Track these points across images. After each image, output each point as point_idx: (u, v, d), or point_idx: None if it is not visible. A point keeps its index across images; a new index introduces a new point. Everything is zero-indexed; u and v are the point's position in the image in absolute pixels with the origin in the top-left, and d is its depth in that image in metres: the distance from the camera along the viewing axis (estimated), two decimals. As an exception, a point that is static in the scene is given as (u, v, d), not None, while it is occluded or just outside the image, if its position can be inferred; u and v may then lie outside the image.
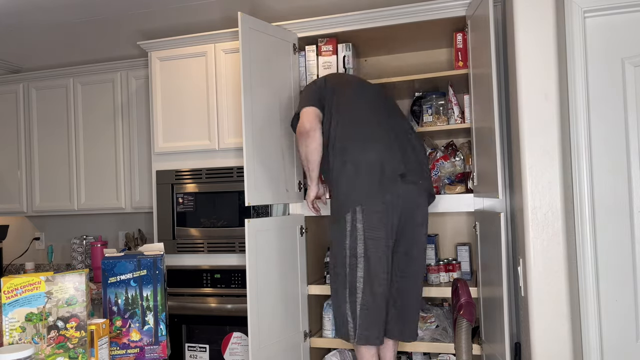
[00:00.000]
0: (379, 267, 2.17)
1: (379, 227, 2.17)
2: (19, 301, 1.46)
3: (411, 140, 2.36)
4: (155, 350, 1.66)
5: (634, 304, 1.94)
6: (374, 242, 2.17)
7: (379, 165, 2.19)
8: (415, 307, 2.33)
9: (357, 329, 2.19)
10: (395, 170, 2.20)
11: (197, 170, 2.96)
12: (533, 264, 1.89)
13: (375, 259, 2.17)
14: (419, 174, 2.30)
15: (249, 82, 2.48)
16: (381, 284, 2.18)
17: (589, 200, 1.95)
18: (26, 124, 3.58)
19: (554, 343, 1.86)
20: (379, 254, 2.17)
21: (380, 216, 2.17)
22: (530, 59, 1.90)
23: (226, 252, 2.91)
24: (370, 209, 2.17)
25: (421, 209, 2.30)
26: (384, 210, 2.18)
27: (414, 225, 2.28)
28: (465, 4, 2.52)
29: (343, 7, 3.13)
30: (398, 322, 2.30)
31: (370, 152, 2.21)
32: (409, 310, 2.30)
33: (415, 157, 2.32)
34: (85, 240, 3.61)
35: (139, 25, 3.67)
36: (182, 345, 2.99)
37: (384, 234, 2.18)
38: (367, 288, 2.17)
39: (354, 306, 2.19)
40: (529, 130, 1.90)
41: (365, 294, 2.17)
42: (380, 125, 2.30)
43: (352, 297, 2.20)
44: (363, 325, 2.18)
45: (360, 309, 2.18)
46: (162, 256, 1.70)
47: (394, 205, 2.20)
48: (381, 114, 2.36)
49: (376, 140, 2.24)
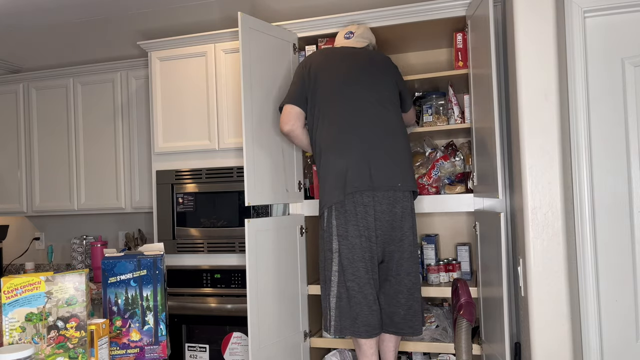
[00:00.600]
0: (352, 263, 2.26)
1: (348, 226, 2.27)
2: (19, 301, 1.46)
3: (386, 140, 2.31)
4: (155, 350, 1.66)
5: (634, 304, 1.94)
6: (346, 240, 2.27)
7: (343, 176, 2.27)
8: (410, 304, 2.32)
9: (332, 320, 2.29)
10: (360, 186, 2.26)
11: (197, 170, 2.96)
12: (533, 264, 1.89)
13: (347, 254, 2.26)
14: (397, 177, 2.29)
15: (249, 82, 2.48)
16: (352, 280, 2.26)
17: (589, 200, 1.95)
18: (26, 124, 3.58)
19: (554, 343, 1.86)
20: (351, 249, 2.26)
21: (348, 215, 2.27)
22: (530, 59, 1.90)
23: (226, 252, 2.91)
24: (342, 208, 2.28)
25: (394, 205, 2.30)
26: (353, 211, 2.27)
27: (394, 227, 2.30)
28: (465, 4, 2.52)
29: (343, 7, 3.13)
30: (404, 318, 2.32)
31: (339, 162, 2.29)
32: (413, 303, 2.31)
33: (389, 162, 2.30)
34: (85, 240, 3.61)
35: (139, 25, 3.67)
36: (182, 345, 2.99)
37: (356, 232, 2.26)
38: (341, 281, 2.28)
39: (330, 298, 2.30)
40: (529, 130, 1.90)
41: (340, 287, 2.27)
42: (354, 131, 2.31)
43: (328, 290, 2.31)
44: (337, 317, 2.28)
45: (335, 302, 2.28)
46: (162, 256, 1.70)
47: (366, 206, 2.27)
48: (359, 115, 2.33)
49: (346, 151, 2.29)
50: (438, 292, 2.62)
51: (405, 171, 2.33)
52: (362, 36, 2.55)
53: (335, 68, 2.44)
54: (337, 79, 2.40)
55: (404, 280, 2.32)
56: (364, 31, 2.57)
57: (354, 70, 2.42)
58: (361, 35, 2.55)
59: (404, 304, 2.31)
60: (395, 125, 2.37)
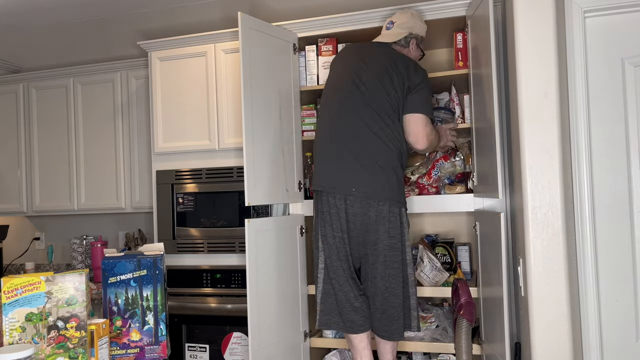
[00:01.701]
0: (332, 262, 2.36)
1: (325, 225, 2.37)
2: (19, 301, 1.46)
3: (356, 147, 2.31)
4: (155, 350, 1.66)
5: (634, 304, 1.94)
6: (326, 239, 2.38)
7: (315, 175, 2.43)
8: (384, 309, 2.32)
9: (319, 313, 2.40)
10: (319, 186, 2.39)
11: (197, 170, 2.96)
12: (533, 264, 1.89)
13: (328, 254, 2.37)
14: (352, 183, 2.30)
15: (249, 82, 2.48)
16: (334, 277, 2.36)
17: (589, 200, 1.95)
18: (26, 123, 3.57)
19: (554, 343, 1.86)
20: (330, 248, 2.36)
21: (324, 216, 2.38)
22: (530, 58, 1.90)
23: (226, 252, 2.91)
24: (322, 209, 2.39)
25: (367, 209, 2.29)
26: (327, 211, 2.37)
27: (368, 230, 2.31)
28: (465, 4, 2.52)
29: (343, 7, 3.13)
30: (380, 321, 2.34)
31: (316, 160, 2.45)
32: (388, 307, 2.32)
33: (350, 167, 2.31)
34: (85, 240, 3.61)
35: (139, 25, 3.67)
36: (182, 345, 2.99)
37: (331, 232, 2.36)
38: (326, 278, 2.39)
39: (317, 293, 2.42)
40: (529, 130, 1.90)
41: (325, 282, 2.39)
42: (332, 134, 2.39)
43: (317, 285, 2.42)
44: (323, 310, 2.39)
45: (321, 297, 2.40)
46: (162, 256, 1.70)
47: (338, 208, 2.34)
48: (340, 120, 2.38)
49: (319, 155, 2.43)
50: (438, 292, 2.62)
51: (365, 179, 2.28)
52: (401, 26, 2.47)
53: (343, 66, 2.51)
54: (340, 77, 2.47)
55: (379, 284, 2.32)
56: (406, 20, 2.48)
57: (358, 69, 2.41)
58: (401, 26, 2.47)
59: (378, 308, 2.33)
60: (373, 134, 2.30)
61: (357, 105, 2.35)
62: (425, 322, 2.65)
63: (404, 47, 2.51)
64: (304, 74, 2.83)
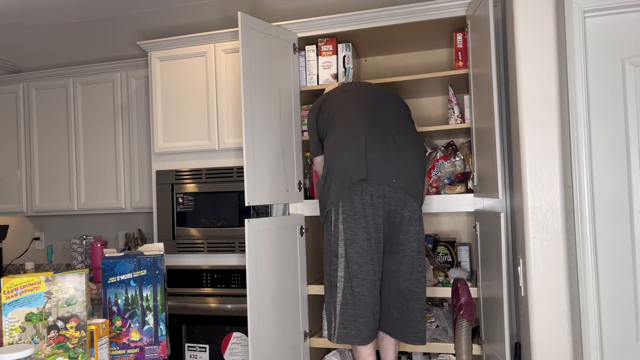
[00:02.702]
0: (359, 267, 2.21)
1: (356, 228, 2.21)
2: (19, 301, 1.46)
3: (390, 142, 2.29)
4: (155, 350, 1.66)
5: (634, 304, 1.94)
6: (353, 243, 2.21)
7: (344, 171, 2.24)
8: (413, 308, 2.29)
9: (337, 327, 2.23)
10: (356, 176, 2.22)
11: (197, 170, 2.96)
12: (533, 264, 1.89)
13: (354, 259, 2.21)
14: (393, 174, 2.24)
15: (249, 82, 2.48)
16: (362, 284, 2.21)
17: (589, 200, 1.95)
18: (26, 124, 3.57)
19: (554, 343, 1.86)
20: (358, 254, 2.21)
21: (357, 217, 2.22)
22: (530, 58, 1.90)
23: (226, 252, 2.91)
24: (348, 210, 2.22)
25: (403, 207, 2.25)
26: (361, 212, 2.22)
27: (399, 224, 2.26)
28: (465, 4, 2.52)
29: (343, 7, 3.13)
30: (397, 322, 2.30)
31: (339, 159, 2.27)
32: (407, 310, 2.29)
33: (389, 158, 2.26)
34: (85, 240, 3.61)
35: (139, 25, 3.67)
36: (182, 345, 2.99)
37: (364, 234, 2.21)
38: (348, 287, 2.22)
39: (335, 305, 2.24)
40: (529, 130, 1.90)
41: (345, 293, 2.22)
42: (357, 132, 2.29)
43: (334, 295, 2.25)
44: (342, 324, 2.22)
45: (340, 308, 2.23)
46: (162, 256, 1.70)
47: (374, 206, 2.22)
48: (362, 120, 2.32)
49: (345, 149, 2.27)
50: (438, 292, 2.62)
51: (407, 173, 2.27)
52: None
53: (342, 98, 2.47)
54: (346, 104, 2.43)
55: (401, 285, 2.28)
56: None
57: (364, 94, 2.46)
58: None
59: (398, 308, 2.30)
60: (407, 134, 2.34)
61: (384, 109, 2.37)
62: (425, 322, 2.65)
63: None
64: (304, 74, 2.83)
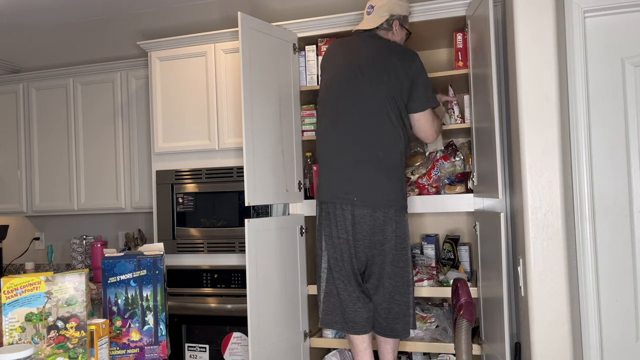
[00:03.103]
0: (335, 262, 2.35)
1: (331, 227, 2.35)
2: (19, 301, 1.46)
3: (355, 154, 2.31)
4: (155, 350, 1.66)
5: (634, 304, 1.94)
6: (330, 239, 2.36)
7: (327, 181, 2.38)
8: (390, 307, 2.34)
9: (321, 313, 2.41)
10: (328, 193, 2.36)
11: (197, 170, 2.96)
12: (533, 264, 1.89)
13: (332, 254, 2.36)
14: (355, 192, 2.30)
15: (249, 82, 2.48)
16: (339, 277, 2.34)
17: (589, 200, 1.95)
18: (26, 124, 3.57)
19: (554, 343, 1.86)
20: (335, 249, 2.34)
21: (330, 217, 2.35)
22: (530, 59, 1.90)
23: (226, 252, 2.91)
24: (327, 209, 2.37)
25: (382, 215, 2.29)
26: (334, 213, 2.34)
27: (374, 232, 2.31)
28: (465, 4, 2.52)
29: (343, 7, 3.13)
30: (383, 319, 2.35)
31: (328, 165, 2.39)
32: (383, 309, 2.34)
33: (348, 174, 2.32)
34: (85, 240, 3.61)
35: (139, 25, 3.67)
36: (182, 345, 2.99)
37: (336, 233, 2.34)
38: (329, 278, 2.38)
39: (320, 293, 2.41)
40: (529, 130, 1.90)
41: (328, 282, 2.38)
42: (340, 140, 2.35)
43: (319, 285, 2.42)
44: (325, 310, 2.39)
45: (324, 296, 2.39)
46: (162, 256, 1.70)
47: (344, 210, 2.32)
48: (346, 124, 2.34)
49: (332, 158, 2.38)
50: (438, 292, 2.62)
51: (371, 187, 2.29)
52: (381, 9, 2.40)
53: (334, 67, 2.45)
54: (333, 80, 2.43)
55: (386, 283, 2.33)
56: (385, 2, 2.40)
57: (350, 72, 2.37)
58: (380, 9, 2.40)
59: (385, 307, 2.34)
60: (376, 140, 2.30)
61: (358, 110, 2.33)
62: (425, 322, 2.65)
63: (388, 31, 2.44)
64: (304, 74, 2.83)
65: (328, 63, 2.51)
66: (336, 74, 2.43)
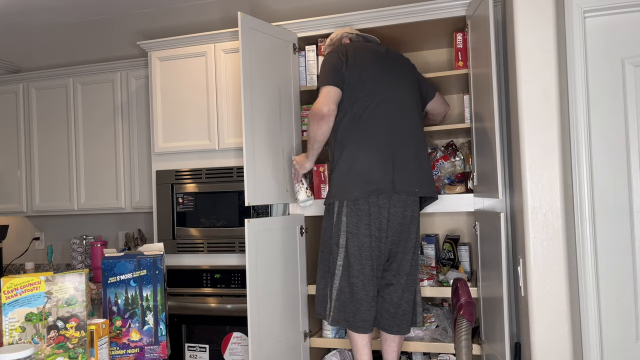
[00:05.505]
0: (357, 260, 2.29)
1: (359, 224, 2.29)
2: (19, 301, 1.46)
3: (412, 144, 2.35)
4: (155, 350, 1.66)
5: (634, 304, 1.94)
6: (355, 237, 2.29)
7: (367, 175, 2.27)
8: (399, 303, 2.35)
9: (332, 310, 2.34)
10: (384, 188, 2.27)
11: (197, 170, 2.96)
12: (533, 264, 1.89)
13: (353, 252, 2.29)
14: (416, 183, 2.34)
15: (249, 82, 2.48)
16: (358, 276, 2.29)
17: (589, 200, 1.95)
18: (26, 124, 3.57)
19: (554, 343, 1.86)
20: (359, 248, 2.29)
21: (361, 214, 2.29)
22: (530, 59, 1.90)
23: (226, 252, 2.91)
24: (356, 206, 2.29)
25: (405, 208, 2.34)
26: (367, 210, 2.29)
27: (402, 229, 2.35)
28: (465, 4, 2.52)
29: (343, 7, 3.13)
30: (391, 315, 2.34)
31: (365, 159, 2.29)
32: (398, 305, 2.35)
33: (412, 165, 2.33)
34: (85, 240, 3.61)
35: (139, 25, 3.67)
36: (182, 345, 2.99)
37: (367, 230, 2.29)
38: (345, 276, 2.32)
39: (332, 290, 2.35)
40: (529, 130, 1.90)
41: (342, 281, 2.32)
42: (382, 133, 2.30)
43: (332, 281, 2.35)
44: (336, 308, 2.33)
45: (336, 293, 2.33)
46: (162, 256, 1.70)
47: (381, 207, 2.30)
48: (385, 117, 2.33)
49: (371, 149, 2.29)
50: (438, 292, 2.62)
51: (425, 178, 2.38)
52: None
53: (365, 65, 2.41)
54: (367, 77, 2.39)
55: (402, 281, 2.36)
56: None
57: (382, 70, 2.42)
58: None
59: (395, 303, 2.35)
60: (418, 131, 2.41)
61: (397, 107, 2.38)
62: (425, 322, 2.65)
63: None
64: (304, 74, 2.83)
65: (352, 61, 2.39)
66: (372, 67, 2.40)
